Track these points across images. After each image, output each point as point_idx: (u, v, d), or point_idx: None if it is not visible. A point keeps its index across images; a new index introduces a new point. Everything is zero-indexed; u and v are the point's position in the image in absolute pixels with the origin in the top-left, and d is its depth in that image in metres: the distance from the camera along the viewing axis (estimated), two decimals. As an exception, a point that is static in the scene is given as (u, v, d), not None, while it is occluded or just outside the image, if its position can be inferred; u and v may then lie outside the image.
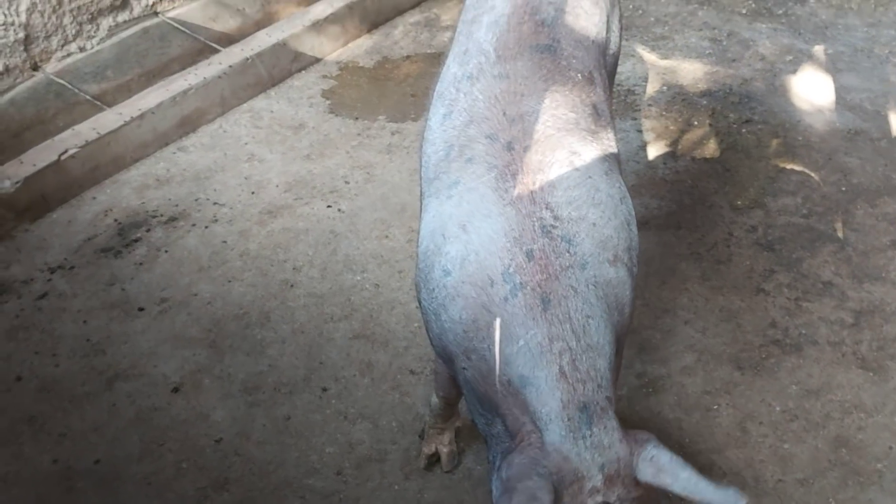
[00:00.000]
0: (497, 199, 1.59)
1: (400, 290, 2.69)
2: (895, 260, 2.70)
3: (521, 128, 1.69)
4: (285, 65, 3.95)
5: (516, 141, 1.67)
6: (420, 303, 1.76)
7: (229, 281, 2.73)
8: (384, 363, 2.43)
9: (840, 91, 3.52)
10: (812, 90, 3.56)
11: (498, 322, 1.52)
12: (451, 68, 1.96)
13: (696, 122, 3.42)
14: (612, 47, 2.20)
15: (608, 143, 1.82)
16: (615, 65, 2.28)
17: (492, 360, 1.52)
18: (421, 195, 1.88)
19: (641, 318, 2.53)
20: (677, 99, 3.56)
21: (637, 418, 2.28)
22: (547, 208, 1.57)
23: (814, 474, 2.12)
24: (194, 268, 2.77)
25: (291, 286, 2.72)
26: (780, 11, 4.17)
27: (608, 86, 2.09)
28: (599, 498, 1.34)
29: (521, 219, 1.55)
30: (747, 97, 3.55)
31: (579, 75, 1.86)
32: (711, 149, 3.27)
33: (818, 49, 3.82)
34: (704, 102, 3.53)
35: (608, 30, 2.14)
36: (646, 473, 1.36)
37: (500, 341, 1.50)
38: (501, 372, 1.49)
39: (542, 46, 1.86)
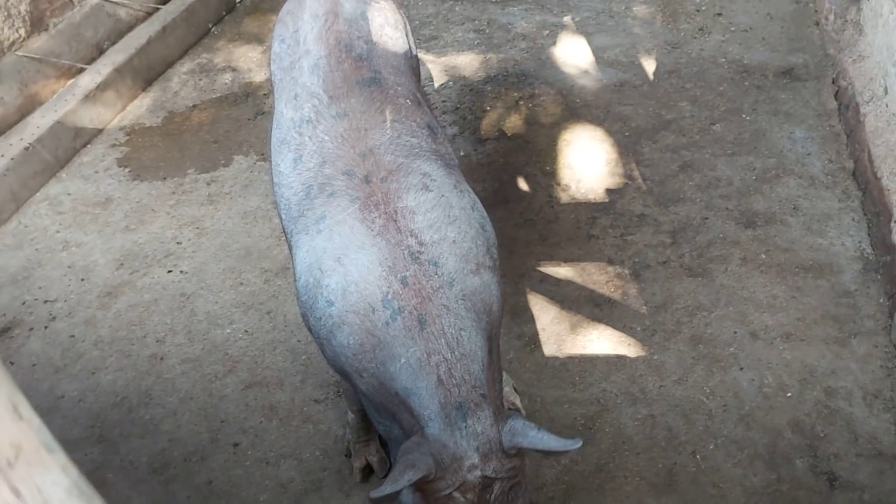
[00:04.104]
0: (367, 231, 1.72)
1: (274, 331, 2.70)
2: (686, 181, 3.15)
3: (373, 161, 1.83)
4: (68, 143, 3.75)
5: (372, 174, 1.80)
6: (310, 330, 1.84)
7: (93, 373, 2.59)
8: (286, 402, 2.45)
9: (597, 51, 3.99)
10: (574, 56, 3.99)
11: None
12: (286, 114, 2.04)
13: (488, 108, 3.72)
14: (416, 60, 2.38)
15: (448, 157, 2.00)
16: (420, 74, 2.47)
17: (380, 376, 1.66)
18: (287, 236, 1.95)
19: (504, 287, 2.75)
20: (465, 90, 3.85)
21: (529, 374, 2.49)
22: (412, 235, 1.72)
23: (685, 373, 2.45)
24: (49, 371, 2.59)
25: (161, 358, 2.64)
26: (525, -6, 4.62)
27: (426, 97, 2.27)
28: (478, 472, 1.55)
29: (391, 248, 1.69)
30: (523, 75, 3.92)
31: (407, 101, 2.02)
32: (510, 127, 3.58)
33: (567, 19, 4.29)
34: (489, 88, 3.85)
35: (410, 47, 2.32)
36: (507, 441, 1.58)
37: (385, 360, 1.65)
38: (389, 386, 1.65)
39: (368, 80, 2.00)
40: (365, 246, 1.70)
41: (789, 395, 2.35)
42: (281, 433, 2.36)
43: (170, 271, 3.00)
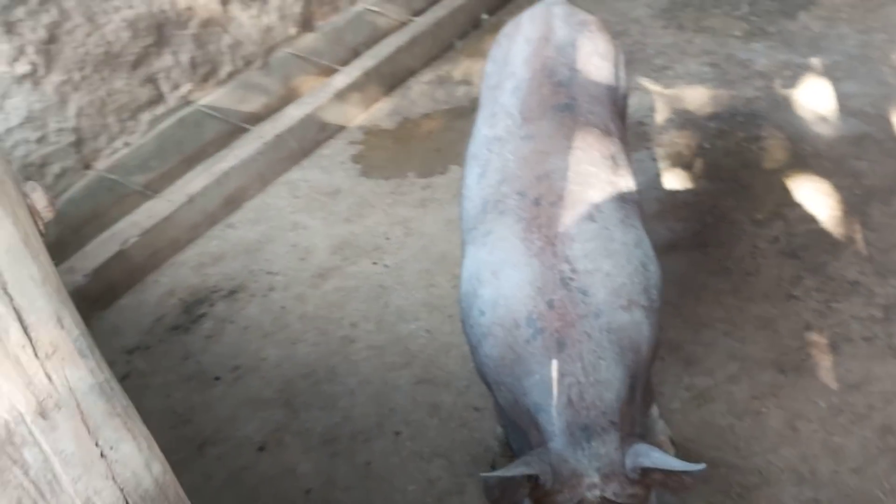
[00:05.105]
0: (524, 251, 1.80)
1: (452, 334, 2.86)
2: (915, 253, 2.85)
3: (547, 185, 1.91)
4: (313, 135, 4.21)
5: (543, 197, 1.88)
6: (466, 337, 1.96)
7: (293, 343, 2.93)
8: (449, 403, 2.60)
9: (841, 98, 3.71)
10: (814, 101, 3.74)
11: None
12: (482, 130, 2.18)
13: (707, 145, 3.61)
14: (621, 91, 2.41)
15: (626, 191, 2.02)
16: (625, 106, 2.49)
17: (515, 391, 1.73)
18: (462, 244, 2.08)
19: (682, 333, 2.69)
20: (687, 125, 3.76)
21: (691, 429, 2.43)
22: (566, 261, 1.77)
23: (865, 462, 2.25)
24: (259, 334, 2.97)
25: (351, 341, 2.91)
26: (773, 29, 4.39)
27: (623, 129, 2.30)
28: (597, 491, 1.56)
29: (544, 270, 1.76)
30: (753, 115, 3.75)
31: (597, 129, 2.06)
32: (726, 168, 3.45)
33: (814, 61, 4.02)
34: (713, 125, 3.73)
35: (616, 78, 2.36)
36: (630, 462, 1.57)
37: (521, 376, 1.70)
38: (521, 402, 1.71)
39: (562, 106, 2.07)
40: (520, 264, 1.79)
41: None
42: (439, 432, 2.52)
43: (374, 263, 3.29)
